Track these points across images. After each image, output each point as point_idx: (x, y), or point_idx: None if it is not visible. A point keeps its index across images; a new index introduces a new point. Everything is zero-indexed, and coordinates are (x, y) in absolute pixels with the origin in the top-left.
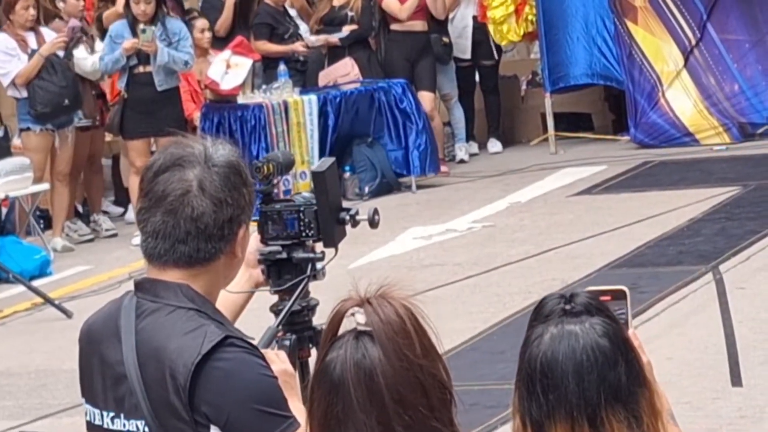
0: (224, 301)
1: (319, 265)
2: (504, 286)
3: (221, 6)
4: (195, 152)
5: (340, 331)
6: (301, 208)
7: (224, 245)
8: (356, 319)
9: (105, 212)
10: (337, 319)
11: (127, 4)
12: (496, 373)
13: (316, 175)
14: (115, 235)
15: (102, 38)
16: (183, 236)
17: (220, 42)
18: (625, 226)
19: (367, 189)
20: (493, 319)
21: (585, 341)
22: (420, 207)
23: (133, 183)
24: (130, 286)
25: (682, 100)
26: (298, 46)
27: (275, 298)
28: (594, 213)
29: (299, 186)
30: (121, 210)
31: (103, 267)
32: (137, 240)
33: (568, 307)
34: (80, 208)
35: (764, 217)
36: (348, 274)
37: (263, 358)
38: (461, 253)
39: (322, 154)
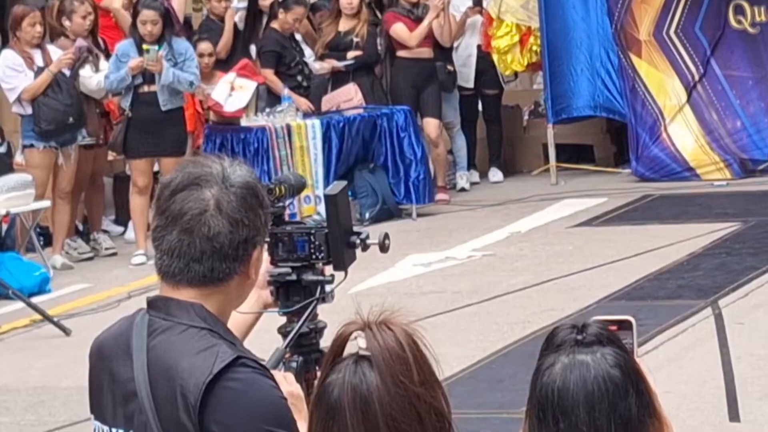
0: (233, 321)
1: (328, 288)
2: (503, 316)
3: (219, 29)
4: (213, 172)
5: (345, 354)
6: (312, 231)
7: (238, 266)
8: (358, 343)
9: (105, 231)
10: (339, 342)
11: (134, 24)
12: (494, 402)
13: (328, 198)
14: (114, 254)
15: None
16: (198, 255)
17: (221, 64)
18: (624, 258)
19: (367, 215)
20: (491, 348)
21: (596, 371)
22: (420, 234)
23: (133, 202)
24: (128, 305)
25: (684, 135)
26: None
27: (283, 319)
28: (594, 245)
29: (303, 210)
30: (121, 229)
31: (102, 285)
32: (137, 260)
33: (579, 337)
34: (80, 226)
35: (764, 253)
36: (349, 299)
37: (274, 379)
38: (461, 281)
39: (325, 179)
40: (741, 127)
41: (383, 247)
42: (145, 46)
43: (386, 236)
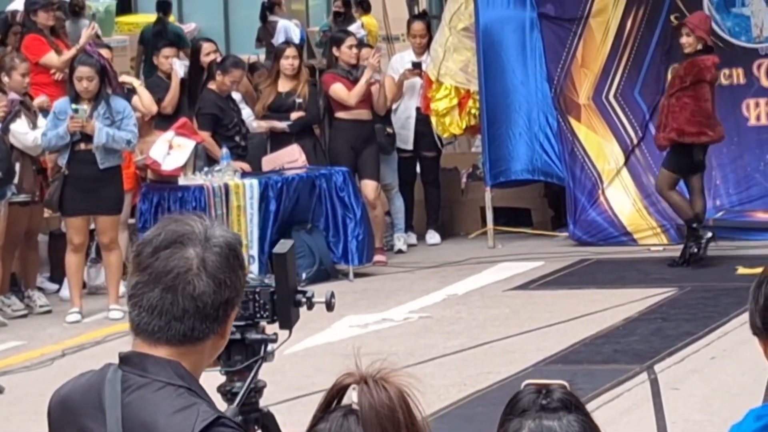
0: None
1: (272, 347)
2: (439, 378)
3: (166, 85)
4: (195, 231)
5: (344, 402)
6: (257, 290)
7: (217, 326)
8: (352, 396)
9: (40, 288)
10: (334, 391)
11: (70, 81)
12: None
13: (277, 257)
14: (49, 312)
15: None
16: (180, 314)
17: (166, 120)
18: (561, 322)
19: (304, 275)
20: (427, 410)
21: None
22: (357, 296)
23: (69, 260)
24: (62, 363)
25: (622, 199)
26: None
27: (221, 378)
28: (530, 308)
29: None
30: (56, 287)
31: (36, 343)
32: (71, 318)
33: (545, 401)
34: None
35: (699, 319)
36: (284, 359)
37: None
38: (397, 342)
39: (261, 239)
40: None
41: (330, 306)
42: (74, 106)
43: (332, 295)
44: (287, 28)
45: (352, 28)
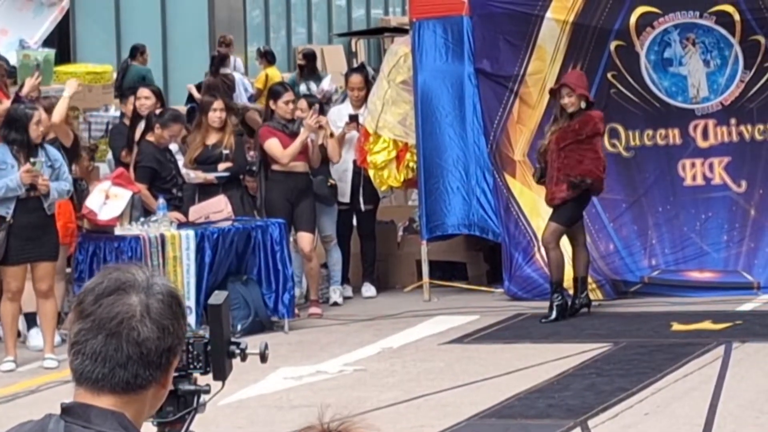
0: None
1: (204, 398)
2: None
3: (126, 131)
4: (138, 279)
5: None
6: (191, 341)
7: (159, 374)
8: None
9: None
10: None
11: (8, 126)
12: None
13: (212, 308)
14: None
15: None
16: (124, 360)
17: None
18: (495, 376)
19: (239, 327)
20: None
21: None
22: (291, 347)
23: (4, 308)
24: None
25: None
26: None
27: (152, 429)
28: (465, 362)
29: None
30: None
31: None
32: (5, 366)
33: None
34: None
35: (633, 375)
36: (217, 411)
37: None
38: (331, 395)
39: (197, 290)
40: (614, 250)
41: (263, 357)
42: (32, 159)
43: (266, 346)
44: (243, 81)
45: (324, 83)
